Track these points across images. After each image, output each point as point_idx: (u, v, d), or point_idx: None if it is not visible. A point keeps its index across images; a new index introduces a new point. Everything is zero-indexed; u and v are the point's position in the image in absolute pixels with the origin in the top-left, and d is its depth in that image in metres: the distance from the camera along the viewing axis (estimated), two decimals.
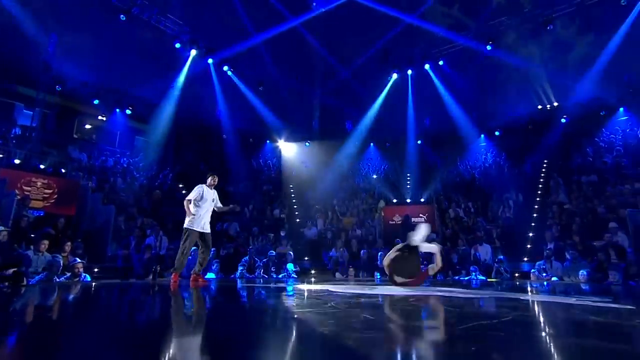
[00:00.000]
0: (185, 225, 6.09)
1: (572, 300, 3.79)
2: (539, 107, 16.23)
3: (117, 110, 15.55)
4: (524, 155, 14.92)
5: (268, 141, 18.34)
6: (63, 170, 11.36)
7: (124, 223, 10.09)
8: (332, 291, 4.86)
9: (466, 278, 8.85)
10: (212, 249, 7.59)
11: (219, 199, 6.47)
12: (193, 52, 14.78)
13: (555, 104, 15.95)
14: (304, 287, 5.98)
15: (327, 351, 1.85)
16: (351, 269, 9.65)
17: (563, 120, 15.36)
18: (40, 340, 1.94)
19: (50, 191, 10.12)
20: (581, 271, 7.77)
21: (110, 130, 15.99)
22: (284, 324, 2.72)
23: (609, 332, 2.29)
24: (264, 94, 17.17)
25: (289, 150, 18.30)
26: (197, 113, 15.91)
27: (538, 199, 12.53)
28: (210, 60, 15.18)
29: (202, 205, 6.07)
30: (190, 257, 8.90)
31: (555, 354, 1.73)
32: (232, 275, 8.96)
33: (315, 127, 19.19)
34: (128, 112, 15.72)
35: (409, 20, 14.82)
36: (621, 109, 15.10)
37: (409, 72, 16.18)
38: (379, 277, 9.44)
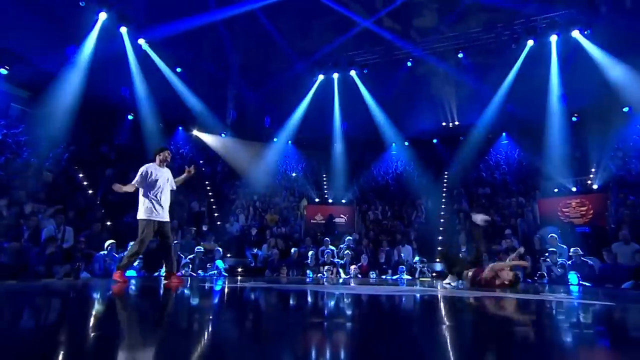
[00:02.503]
0: (138, 217, 5.13)
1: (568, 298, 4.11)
2: (443, 124, 18.15)
3: None
4: (429, 166, 16.48)
5: (181, 128, 16.79)
6: None
7: (6, 209, 8.11)
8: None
9: (394, 277, 9.35)
10: (129, 244, 6.51)
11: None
12: (103, 16, 12.70)
13: (457, 122, 18.03)
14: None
15: None
16: (284, 268, 9.38)
17: (461, 138, 17.47)
18: None
19: None
20: None
21: None
22: None
23: None
24: (181, 78, 15.71)
25: (204, 140, 17.05)
26: (102, 88, 13.68)
27: (443, 206, 13.96)
28: (123, 29, 13.27)
29: (153, 190, 5.17)
30: (104, 253, 7.70)
31: None
32: (156, 274, 7.90)
33: (233, 119, 18.29)
34: (3, 71, 12.78)
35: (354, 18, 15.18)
36: (504, 134, 17.81)
37: (335, 75, 16.51)
38: (311, 275, 9.38)
